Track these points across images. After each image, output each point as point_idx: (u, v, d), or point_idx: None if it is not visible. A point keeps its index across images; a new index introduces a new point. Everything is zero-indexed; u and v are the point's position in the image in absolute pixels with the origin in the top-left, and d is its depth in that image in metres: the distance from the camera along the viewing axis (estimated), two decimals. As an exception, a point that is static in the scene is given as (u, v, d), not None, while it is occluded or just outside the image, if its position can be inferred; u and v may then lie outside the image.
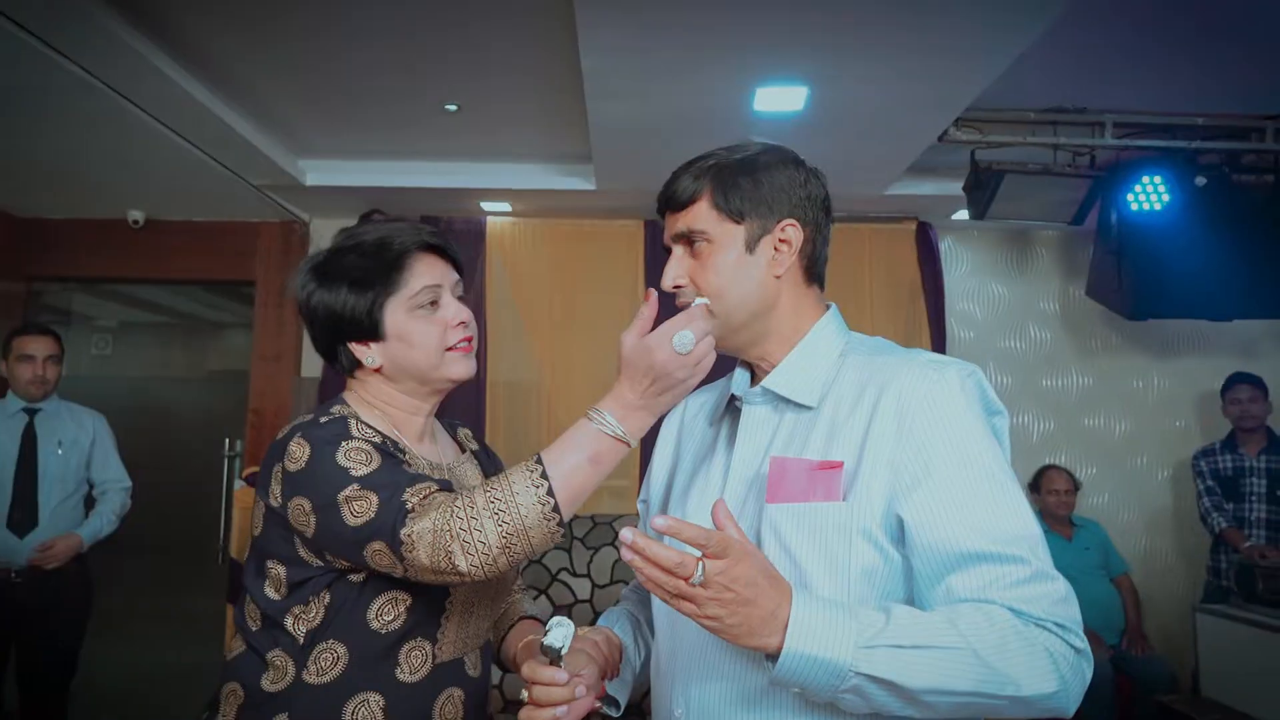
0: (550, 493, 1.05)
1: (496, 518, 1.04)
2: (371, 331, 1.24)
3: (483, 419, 4.20)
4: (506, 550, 1.04)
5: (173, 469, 4.34)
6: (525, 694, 1.03)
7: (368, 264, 1.23)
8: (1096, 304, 4.04)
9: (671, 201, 1.12)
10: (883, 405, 1.00)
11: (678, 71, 2.66)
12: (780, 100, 2.88)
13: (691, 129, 3.08)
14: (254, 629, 1.21)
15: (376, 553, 1.08)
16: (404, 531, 1.05)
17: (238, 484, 3.69)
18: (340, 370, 1.29)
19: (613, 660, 1.16)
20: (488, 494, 1.05)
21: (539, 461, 1.07)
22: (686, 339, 1.01)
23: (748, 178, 1.08)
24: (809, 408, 1.07)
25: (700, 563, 0.83)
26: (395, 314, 1.23)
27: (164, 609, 4.38)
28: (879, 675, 0.85)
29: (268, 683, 1.17)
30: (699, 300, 1.06)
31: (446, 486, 1.14)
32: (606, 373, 4.23)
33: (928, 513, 0.95)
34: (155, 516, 3.95)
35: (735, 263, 1.07)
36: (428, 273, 1.25)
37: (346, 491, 1.09)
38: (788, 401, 1.08)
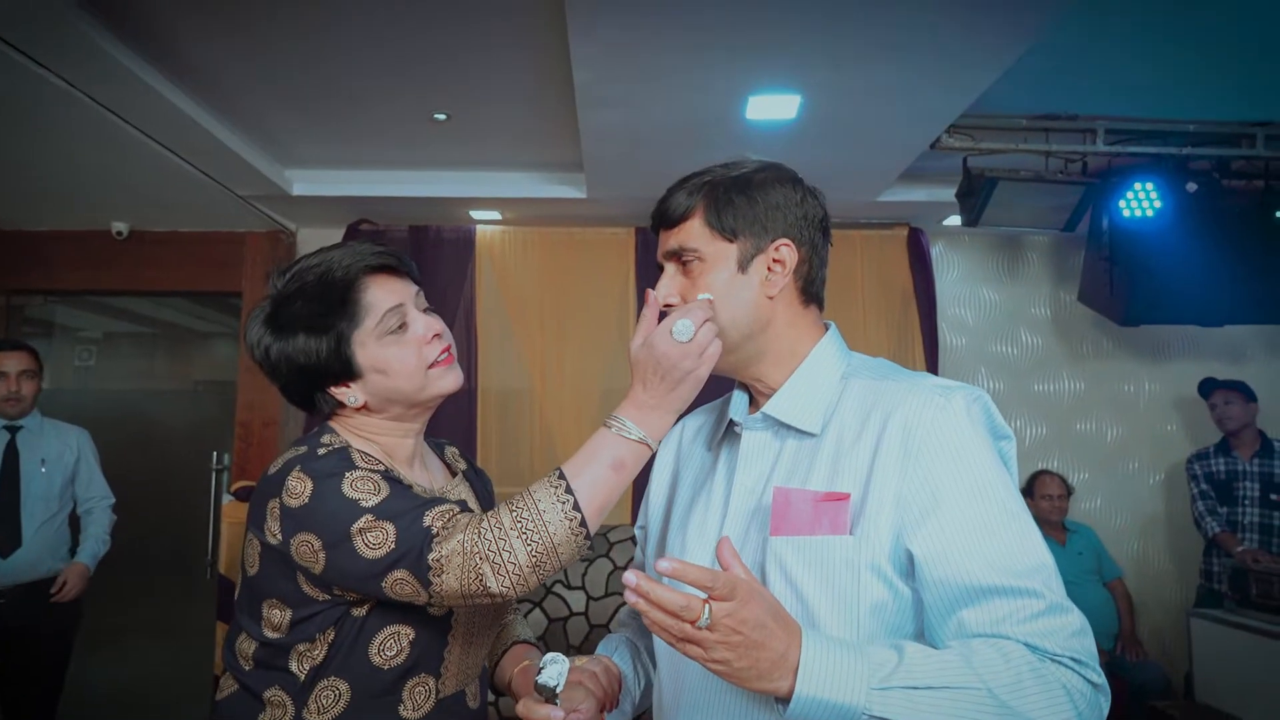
0: (576, 507, 1.03)
1: (525, 537, 1.02)
2: (345, 372, 1.18)
3: (475, 428, 4.17)
4: (537, 569, 1.03)
5: (159, 482, 4.28)
6: (522, 733, 1.01)
7: (317, 306, 1.16)
8: (1088, 309, 4.05)
9: (665, 218, 1.09)
10: (888, 433, 0.98)
11: (670, 79, 2.64)
12: (773, 108, 2.86)
13: (684, 137, 3.07)
14: (246, 668, 1.17)
15: (398, 582, 1.05)
16: (432, 556, 1.02)
17: (226, 498, 3.64)
18: (322, 415, 1.24)
19: (612, 692, 1.13)
20: (514, 512, 1.03)
21: (561, 476, 1.05)
22: (684, 327, 1.00)
23: (742, 195, 1.06)
24: (811, 434, 1.04)
25: (706, 605, 0.80)
26: (364, 347, 1.17)
27: (152, 624, 4.32)
28: (893, 718, 0.83)
29: (263, 723, 1.14)
30: (702, 296, 1.04)
31: (465, 508, 1.11)
32: (598, 380, 4.24)
33: (938, 546, 0.92)
34: (142, 531, 3.90)
35: (727, 282, 1.05)
36: (386, 295, 1.19)
37: (359, 524, 1.06)
38: (789, 428, 1.06)
